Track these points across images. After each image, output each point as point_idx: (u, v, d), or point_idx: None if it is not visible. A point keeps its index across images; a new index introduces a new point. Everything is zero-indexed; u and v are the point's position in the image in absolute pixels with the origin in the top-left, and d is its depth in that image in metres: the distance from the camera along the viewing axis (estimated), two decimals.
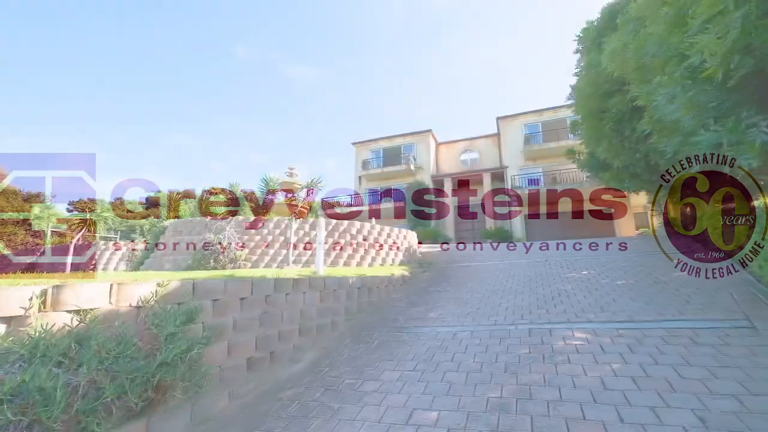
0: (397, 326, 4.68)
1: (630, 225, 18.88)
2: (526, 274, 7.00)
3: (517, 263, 8.42)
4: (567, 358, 3.04)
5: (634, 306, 4.26)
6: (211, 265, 8.88)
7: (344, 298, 5.37)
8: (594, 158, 7.74)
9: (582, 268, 7.05)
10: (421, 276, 8.15)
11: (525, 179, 20.58)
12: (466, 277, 7.47)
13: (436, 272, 8.57)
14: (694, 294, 4.45)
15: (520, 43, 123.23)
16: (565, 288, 5.52)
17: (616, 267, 6.70)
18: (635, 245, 9.41)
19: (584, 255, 8.67)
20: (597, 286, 5.40)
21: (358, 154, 26.33)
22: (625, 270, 6.32)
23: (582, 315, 4.17)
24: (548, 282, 6.09)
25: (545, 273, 6.88)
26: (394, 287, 6.91)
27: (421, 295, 6.24)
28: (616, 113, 4.85)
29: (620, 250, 8.73)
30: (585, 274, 6.43)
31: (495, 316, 4.55)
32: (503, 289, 5.92)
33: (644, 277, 5.63)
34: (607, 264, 7.15)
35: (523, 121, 22.29)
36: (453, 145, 25.60)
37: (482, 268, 8.37)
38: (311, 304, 4.69)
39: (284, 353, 3.85)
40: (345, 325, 4.94)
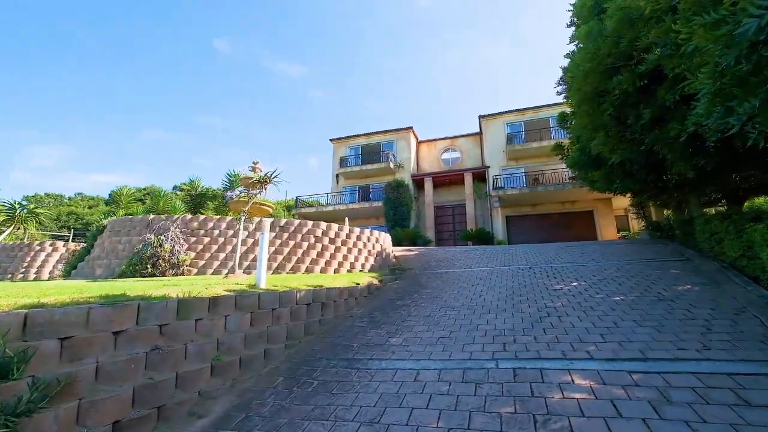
0: (348, 357, 3.67)
1: (612, 228, 18.54)
2: (508, 284, 6.13)
3: (499, 271, 7.56)
4: (568, 425, 2.11)
5: (642, 334, 3.40)
6: (148, 271, 7.63)
7: (287, 318, 4.33)
8: (584, 154, 6.95)
9: (570, 277, 6.24)
10: (392, 285, 7.17)
11: (507, 179, 19.97)
12: (441, 287, 6.54)
13: (409, 280, 7.62)
14: (712, 317, 3.64)
15: (504, 46, 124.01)
16: (555, 305, 4.65)
17: (608, 277, 5.91)
18: (623, 251, 8.74)
19: (571, 261, 7.90)
20: (592, 303, 4.56)
21: (336, 151, 25.19)
22: (620, 282, 5.53)
23: (580, 346, 3.27)
24: (534, 296, 5.23)
25: (530, 284, 6.03)
26: (356, 300, 5.90)
27: (387, 312, 5.26)
28: (620, 95, 4.03)
29: (609, 257, 8.02)
30: (575, 286, 5.60)
31: (471, 345, 3.61)
32: (483, 305, 5.00)
33: (645, 292, 4.83)
34: (598, 273, 6.36)
35: (505, 120, 21.71)
36: (434, 143, 24.81)
37: (460, 276, 7.48)
38: (237, 329, 3.62)
39: (182, 406, 2.77)
40: (283, 355, 3.89)
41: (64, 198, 35.96)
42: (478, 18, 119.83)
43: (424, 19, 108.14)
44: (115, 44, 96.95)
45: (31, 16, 70.05)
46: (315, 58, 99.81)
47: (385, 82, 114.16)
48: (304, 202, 23.55)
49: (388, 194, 20.23)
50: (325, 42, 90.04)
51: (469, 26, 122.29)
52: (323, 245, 8.77)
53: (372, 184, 23.40)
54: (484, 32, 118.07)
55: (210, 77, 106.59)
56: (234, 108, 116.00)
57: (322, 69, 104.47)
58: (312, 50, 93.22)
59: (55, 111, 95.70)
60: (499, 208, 18.96)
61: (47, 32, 76.58)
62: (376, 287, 6.83)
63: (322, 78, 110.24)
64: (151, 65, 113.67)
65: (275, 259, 8.22)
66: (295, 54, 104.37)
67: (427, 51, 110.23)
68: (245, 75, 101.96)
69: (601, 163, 6.71)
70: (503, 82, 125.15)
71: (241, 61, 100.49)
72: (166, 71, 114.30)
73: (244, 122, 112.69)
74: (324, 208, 22.38)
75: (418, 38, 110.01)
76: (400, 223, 19.74)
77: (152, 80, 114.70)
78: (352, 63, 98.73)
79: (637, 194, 11.16)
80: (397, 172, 22.73)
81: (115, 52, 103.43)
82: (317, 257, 8.53)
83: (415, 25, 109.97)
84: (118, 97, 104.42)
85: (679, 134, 3.59)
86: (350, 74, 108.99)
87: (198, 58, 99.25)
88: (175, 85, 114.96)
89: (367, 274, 8.11)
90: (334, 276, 7.29)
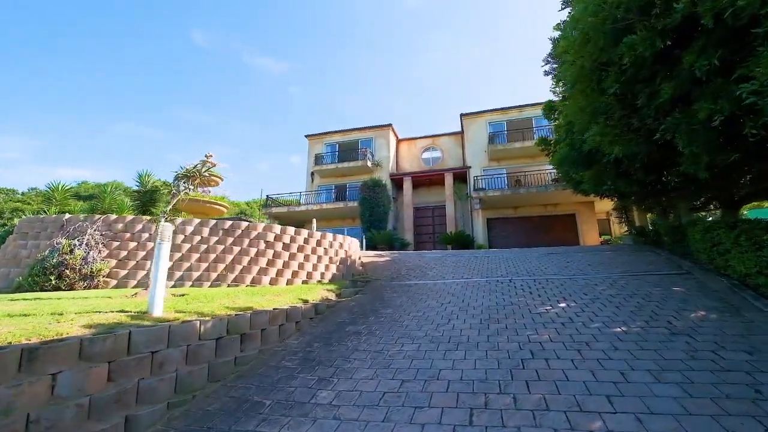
0: (248, 430, 2.51)
1: (594, 232, 17.98)
2: (484, 304, 5.09)
3: (475, 284, 6.54)
4: None
5: (667, 400, 2.37)
6: (51, 284, 6.22)
7: (180, 361, 3.13)
8: (575, 150, 6.01)
9: (557, 295, 5.27)
10: (348, 302, 6.03)
11: (488, 180, 19.17)
12: (405, 306, 5.45)
13: (371, 294, 6.50)
14: (755, 368, 2.66)
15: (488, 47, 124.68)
16: (540, 338, 3.62)
17: (602, 296, 4.96)
18: (612, 261, 7.88)
19: (556, 273, 6.97)
20: (587, 337, 3.55)
21: (311, 148, 23.86)
22: (618, 303, 4.57)
23: (581, 421, 2.22)
24: (514, 322, 4.19)
25: (510, 304, 5.01)
26: (297, 326, 4.73)
27: (330, 343, 4.12)
28: (630, 66, 3.04)
29: (598, 267, 7.12)
30: (563, 308, 4.60)
31: (424, 411, 2.52)
32: (450, 336, 3.93)
33: (651, 320, 3.86)
34: (589, 290, 5.41)
35: (487, 119, 20.93)
36: (415, 142, 23.82)
37: (431, 289, 6.42)
38: (74, 392, 2.41)
39: None
40: (160, 421, 2.69)
41: (17, 193, 33.10)
42: (462, 19, 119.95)
43: (408, 19, 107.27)
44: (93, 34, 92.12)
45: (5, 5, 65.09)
46: (296, 54, 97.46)
47: (368, 82, 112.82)
48: (275, 201, 22.12)
49: (364, 194, 19.08)
50: (306, 38, 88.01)
51: (453, 27, 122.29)
52: (275, 252, 7.55)
53: (349, 183, 22.21)
54: (469, 34, 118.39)
55: (187, 70, 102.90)
56: (213, 103, 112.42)
57: (303, 65, 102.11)
58: (293, 46, 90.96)
59: (20, 102, 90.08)
60: (479, 210, 18.11)
61: (15, 19, 71.51)
62: (328, 305, 5.68)
63: (303, 75, 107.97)
64: (125, 56, 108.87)
65: (214, 269, 6.95)
66: (276, 49, 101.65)
67: (411, 51, 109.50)
68: (224, 69, 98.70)
69: (593, 160, 5.77)
70: (487, 85, 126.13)
71: (219, 54, 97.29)
72: (143, 62, 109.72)
73: (223, 118, 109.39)
74: (297, 208, 21.03)
75: (403, 38, 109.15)
76: (376, 224, 18.61)
77: (125, 72, 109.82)
78: (334, 61, 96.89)
79: (623, 197, 10.43)
80: (375, 170, 21.61)
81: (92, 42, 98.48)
82: (267, 266, 7.30)
83: (398, 24, 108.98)
84: (91, 88, 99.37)
85: (710, 117, 2.64)
86: (332, 72, 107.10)
87: (175, 49, 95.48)
88: (150, 77, 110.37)
89: (324, 286, 6.95)
90: (281, 290, 6.09)
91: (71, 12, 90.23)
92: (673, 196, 9.38)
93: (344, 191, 22.12)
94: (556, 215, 18.82)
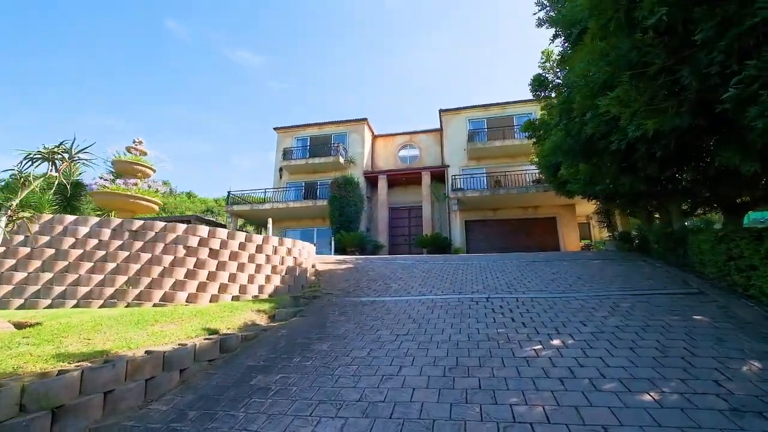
0: None
1: (575, 235, 17.20)
2: (452, 338, 3.78)
3: (444, 303, 5.25)
4: None
5: None
6: None
7: None
8: (570, 136, 4.75)
9: (547, 324, 4.03)
10: (277, 330, 4.59)
11: (467, 180, 18.09)
12: (349, 338, 4.08)
13: (312, 317, 5.09)
14: None
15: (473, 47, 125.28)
16: (531, 415, 2.32)
17: (606, 329, 3.74)
18: (604, 273, 6.78)
19: (542, 290, 5.77)
20: (604, 416, 2.27)
21: (280, 142, 22.14)
22: (632, 343, 3.35)
23: None
24: (491, 377, 2.89)
25: (485, 338, 3.72)
26: (182, 376, 3.25)
27: (213, 415, 2.68)
28: None
29: (591, 282, 5.98)
30: (558, 348, 3.35)
31: None
32: (395, 405, 2.58)
33: (690, 379, 2.63)
34: (587, 316, 4.20)
35: (467, 116, 19.88)
36: (392, 138, 22.51)
37: (389, 311, 5.08)
38: None
39: None
40: None
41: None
42: (447, 19, 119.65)
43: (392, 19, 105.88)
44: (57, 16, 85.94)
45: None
46: (278, 47, 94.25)
47: (348, 79, 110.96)
48: (237, 199, 20.31)
49: (334, 192, 17.62)
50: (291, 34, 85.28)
51: (438, 27, 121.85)
52: (199, 260, 6.02)
53: (320, 180, 20.66)
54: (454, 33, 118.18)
55: (158, 59, 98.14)
56: (187, 95, 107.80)
57: (282, 60, 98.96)
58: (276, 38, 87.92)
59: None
60: (457, 212, 16.98)
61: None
62: (246, 336, 4.22)
63: (281, 69, 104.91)
64: (94, 41, 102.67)
65: (111, 283, 5.36)
66: (256, 42, 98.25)
67: (393, 50, 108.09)
68: (200, 60, 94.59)
69: (592, 150, 4.54)
70: (475, 86, 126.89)
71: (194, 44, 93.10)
72: (114, 51, 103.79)
73: (197, 111, 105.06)
74: (261, 206, 19.30)
75: (385, 37, 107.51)
76: (346, 225, 17.18)
77: (95, 59, 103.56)
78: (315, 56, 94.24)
79: (618, 199, 9.45)
80: (348, 167, 20.16)
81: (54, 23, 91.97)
82: (186, 278, 5.77)
83: (381, 22, 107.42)
84: (57, 75, 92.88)
85: None
86: (312, 67, 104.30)
87: (144, 38, 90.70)
88: (121, 67, 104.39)
89: (256, 305, 5.48)
90: (187, 314, 4.59)
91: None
92: (662, 199, 8.45)
93: (315, 189, 20.56)
94: (537, 218, 17.96)
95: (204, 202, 40.34)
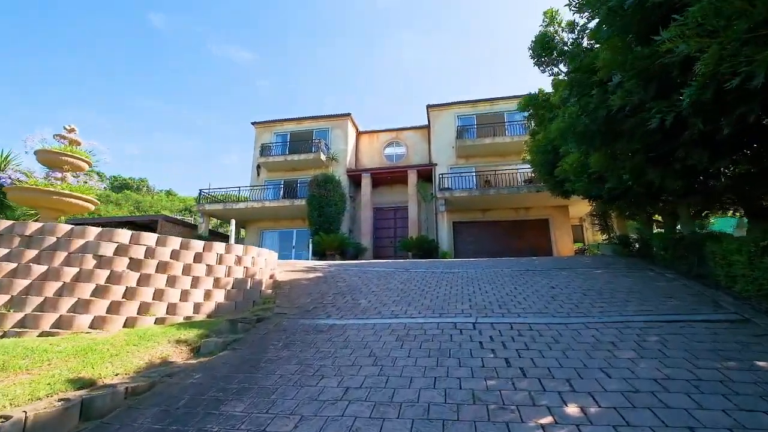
0: None
1: (568, 238, 16.28)
2: (421, 399, 2.64)
3: (419, 331, 4.10)
4: None
5: None
6: None
7: None
8: (587, 114, 3.60)
9: (556, 371, 2.92)
10: (188, 376, 3.35)
11: (455, 180, 17.04)
12: (280, 393, 2.90)
13: (245, 351, 3.89)
14: None
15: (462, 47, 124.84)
16: None
17: (643, 386, 2.65)
18: (613, 286, 5.73)
19: (542, 312, 4.68)
20: None
21: (258, 137, 20.79)
22: (688, 413, 2.25)
23: None
24: None
25: (469, 397, 2.59)
26: None
27: None
28: None
29: (600, 300, 4.91)
30: (575, 419, 2.23)
31: None
32: None
33: None
34: (608, 359, 3.11)
35: (456, 112, 18.84)
36: (377, 135, 21.34)
37: (347, 342, 3.91)
38: None
39: None
40: None
41: None
42: (436, 18, 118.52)
43: (382, 17, 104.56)
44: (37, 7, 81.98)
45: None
46: (266, 43, 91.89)
47: (335, 76, 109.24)
48: (210, 197, 18.87)
49: (313, 191, 16.37)
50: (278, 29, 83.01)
51: (425, 25, 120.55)
52: (115, 272, 4.76)
53: (300, 178, 19.36)
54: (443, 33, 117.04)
55: (141, 52, 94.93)
56: (172, 89, 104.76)
57: (269, 57, 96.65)
58: (264, 34, 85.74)
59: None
60: (445, 213, 15.91)
61: None
62: (136, 390, 3.00)
63: (269, 66, 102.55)
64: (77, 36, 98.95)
65: None
66: (244, 37, 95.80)
67: (382, 48, 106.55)
68: (184, 54, 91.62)
69: (617, 132, 3.34)
70: (461, 87, 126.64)
71: (178, 38, 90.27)
72: (95, 44, 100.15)
73: (182, 106, 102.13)
74: (235, 205, 17.90)
75: (374, 34, 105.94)
76: (326, 226, 15.94)
77: (78, 53, 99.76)
78: (308, 53, 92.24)
79: (612, 200, 8.47)
80: (330, 165, 18.93)
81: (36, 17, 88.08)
82: (94, 295, 4.50)
83: (370, 20, 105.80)
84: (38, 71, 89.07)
85: None
86: (299, 64, 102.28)
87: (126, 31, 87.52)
88: (104, 61, 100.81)
89: (179, 332, 4.24)
90: (78, 350, 3.34)
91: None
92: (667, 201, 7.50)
93: (294, 188, 19.26)
94: (528, 220, 17.00)
95: (183, 201, 38.55)
